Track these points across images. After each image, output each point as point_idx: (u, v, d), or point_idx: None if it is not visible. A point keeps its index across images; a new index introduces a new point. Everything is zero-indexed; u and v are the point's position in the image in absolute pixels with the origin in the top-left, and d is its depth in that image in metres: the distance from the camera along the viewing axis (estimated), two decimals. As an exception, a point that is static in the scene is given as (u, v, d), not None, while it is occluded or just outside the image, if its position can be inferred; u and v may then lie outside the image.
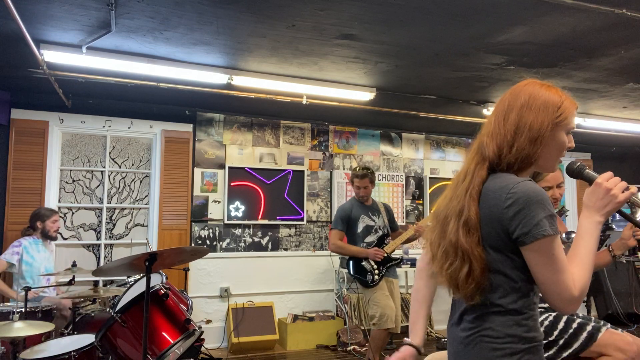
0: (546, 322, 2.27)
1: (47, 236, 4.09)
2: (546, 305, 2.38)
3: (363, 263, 3.95)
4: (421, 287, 1.56)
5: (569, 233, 2.49)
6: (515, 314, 1.23)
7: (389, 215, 4.18)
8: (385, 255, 3.95)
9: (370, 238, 4.02)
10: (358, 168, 4.11)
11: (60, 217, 4.85)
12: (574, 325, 2.23)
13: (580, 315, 2.35)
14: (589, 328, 2.20)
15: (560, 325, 2.25)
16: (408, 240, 4.11)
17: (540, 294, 1.25)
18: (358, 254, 3.96)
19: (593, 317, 2.35)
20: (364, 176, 4.03)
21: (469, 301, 1.27)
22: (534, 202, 1.18)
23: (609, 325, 2.24)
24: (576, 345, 2.19)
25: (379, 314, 3.82)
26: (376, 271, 3.94)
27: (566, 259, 1.20)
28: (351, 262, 4.00)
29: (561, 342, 2.21)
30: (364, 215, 4.05)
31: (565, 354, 2.20)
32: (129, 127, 5.10)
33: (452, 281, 1.27)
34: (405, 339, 1.52)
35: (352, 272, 4.01)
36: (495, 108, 1.37)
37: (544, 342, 2.23)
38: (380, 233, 4.05)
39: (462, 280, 1.24)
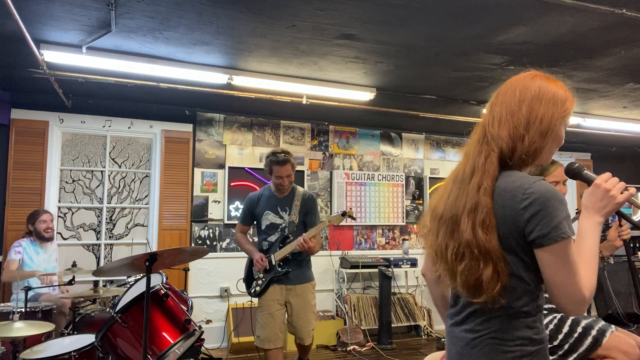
0: (550, 326, 2.26)
1: (40, 237, 4.08)
2: (547, 306, 2.37)
3: (254, 267, 3.42)
4: (437, 295, 1.50)
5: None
6: (526, 316, 1.21)
7: (305, 209, 3.38)
8: (272, 262, 3.33)
9: (273, 237, 3.38)
10: (275, 153, 3.28)
11: (60, 217, 4.85)
12: (579, 329, 2.22)
13: (585, 316, 2.34)
14: (594, 332, 2.19)
15: (565, 328, 2.24)
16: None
17: (547, 295, 1.23)
18: (248, 253, 3.44)
19: (595, 317, 2.34)
20: (286, 162, 3.23)
21: (490, 305, 1.20)
22: (553, 203, 1.15)
23: (614, 328, 2.24)
24: (581, 349, 2.18)
25: (260, 334, 3.26)
26: (259, 281, 3.35)
27: (578, 262, 1.17)
28: (248, 263, 3.51)
29: (566, 346, 2.20)
30: (269, 210, 3.38)
31: (570, 359, 2.20)
32: (129, 127, 5.10)
33: (470, 284, 1.20)
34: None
35: (243, 277, 3.51)
36: (500, 96, 1.32)
37: (549, 346, 2.24)
38: (284, 233, 3.36)
39: (487, 282, 1.17)
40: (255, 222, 3.52)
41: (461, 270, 1.21)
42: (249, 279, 3.47)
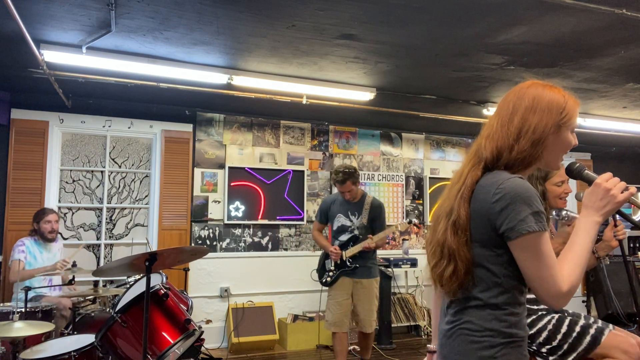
0: (549, 326, 2.26)
1: (43, 237, 4.08)
2: (544, 306, 2.37)
3: (327, 261, 4.02)
4: (436, 297, 1.58)
5: (559, 210, 2.47)
6: (494, 309, 1.25)
7: (373, 215, 3.98)
8: (342, 258, 3.89)
9: (344, 237, 3.98)
10: (336, 172, 3.88)
11: (60, 217, 4.85)
12: (577, 328, 2.22)
13: (582, 315, 2.34)
14: (592, 331, 2.19)
15: (563, 329, 2.23)
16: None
17: (532, 291, 1.26)
18: (323, 248, 4.06)
19: (593, 317, 2.34)
20: (344, 181, 3.84)
21: (450, 297, 1.31)
22: (521, 198, 1.20)
23: (611, 326, 2.23)
24: (580, 349, 2.18)
25: (329, 319, 3.89)
26: (330, 272, 3.94)
27: (554, 255, 1.21)
28: (322, 256, 4.10)
29: (565, 346, 2.20)
30: (341, 214, 4.01)
31: (569, 359, 2.19)
32: (129, 127, 5.10)
33: (437, 278, 1.32)
34: (429, 346, 1.61)
35: (317, 268, 4.11)
36: (497, 109, 1.37)
37: (548, 347, 2.23)
38: (354, 234, 3.96)
39: (446, 279, 1.28)
40: (328, 223, 4.15)
41: (432, 265, 1.34)
42: (321, 270, 4.05)
